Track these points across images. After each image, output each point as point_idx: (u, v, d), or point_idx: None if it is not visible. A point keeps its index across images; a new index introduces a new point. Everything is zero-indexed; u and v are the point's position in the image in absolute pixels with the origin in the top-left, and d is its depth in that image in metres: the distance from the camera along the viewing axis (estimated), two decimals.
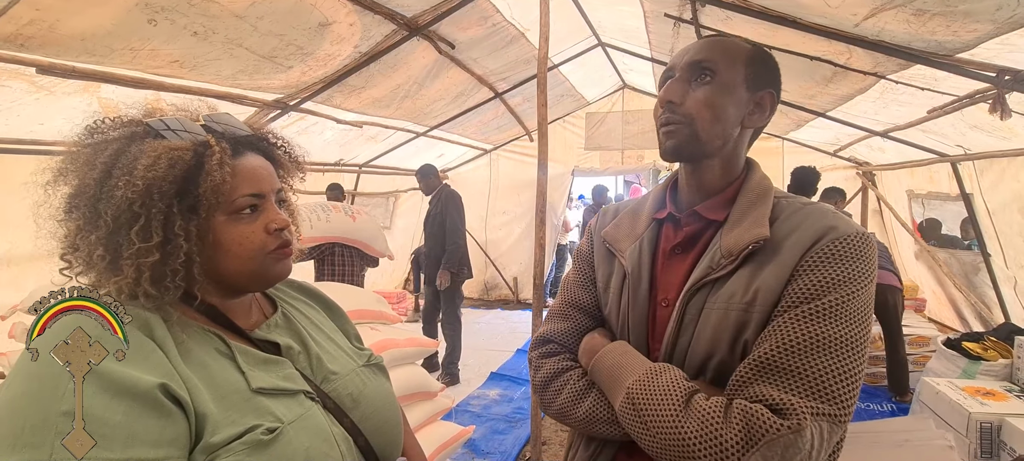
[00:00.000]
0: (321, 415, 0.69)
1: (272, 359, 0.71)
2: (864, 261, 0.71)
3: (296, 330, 0.79)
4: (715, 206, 0.82)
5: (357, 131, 4.37)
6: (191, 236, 0.65)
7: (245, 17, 2.28)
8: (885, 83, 2.83)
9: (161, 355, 0.59)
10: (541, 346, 0.93)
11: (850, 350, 0.67)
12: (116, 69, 2.36)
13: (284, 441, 0.61)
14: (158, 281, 0.63)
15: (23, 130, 2.55)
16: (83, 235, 0.63)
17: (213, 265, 0.68)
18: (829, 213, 0.76)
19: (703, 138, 0.80)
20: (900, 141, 3.82)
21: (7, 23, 1.83)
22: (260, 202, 0.72)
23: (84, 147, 0.67)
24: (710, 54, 0.80)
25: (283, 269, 0.74)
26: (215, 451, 0.57)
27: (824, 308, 0.68)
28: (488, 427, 3.40)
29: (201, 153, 0.67)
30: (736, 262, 0.75)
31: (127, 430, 0.53)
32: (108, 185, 0.62)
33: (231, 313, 0.73)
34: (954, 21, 1.86)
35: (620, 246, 0.90)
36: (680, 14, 3.19)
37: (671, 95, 0.81)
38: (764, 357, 0.68)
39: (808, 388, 0.65)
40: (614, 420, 0.78)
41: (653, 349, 0.82)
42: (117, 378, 0.54)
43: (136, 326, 0.60)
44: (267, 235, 0.71)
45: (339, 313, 0.94)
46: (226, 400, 0.61)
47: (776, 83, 0.84)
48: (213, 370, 0.63)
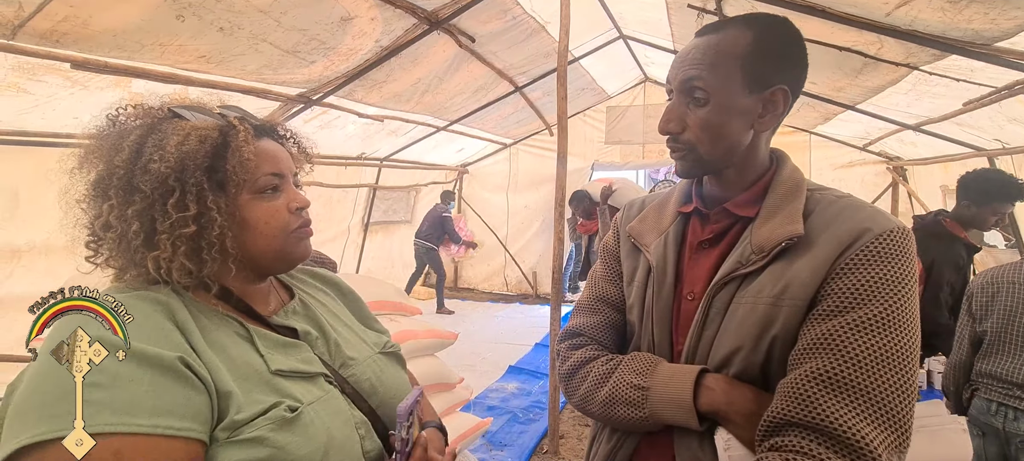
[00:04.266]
0: (341, 399, 0.70)
1: (290, 343, 0.72)
2: (909, 259, 0.69)
3: (314, 316, 0.80)
4: (744, 202, 0.80)
5: (378, 125, 4.41)
6: (222, 211, 0.66)
7: (269, 12, 2.32)
8: (918, 74, 2.74)
9: (181, 337, 0.60)
10: (570, 338, 0.93)
11: (910, 362, 0.65)
12: (146, 64, 2.43)
13: (306, 419, 0.63)
14: (194, 254, 0.65)
15: (58, 124, 2.64)
16: (118, 213, 0.64)
17: (240, 243, 0.69)
18: (866, 207, 0.74)
19: (708, 159, 0.78)
20: (933, 135, 3.69)
21: (43, 20, 1.89)
22: (281, 182, 0.73)
23: (108, 134, 0.69)
24: (700, 70, 0.75)
25: (305, 249, 0.76)
26: (239, 428, 0.58)
27: (879, 316, 0.66)
28: (506, 419, 3.42)
29: (226, 132, 0.69)
30: (767, 258, 0.73)
31: (154, 400, 0.54)
32: (141, 162, 0.64)
33: (250, 299, 0.74)
34: (993, 8, 1.79)
35: (645, 240, 0.89)
36: (703, 4, 3.13)
37: (669, 125, 0.79)
38: (829, 371, 0.65)
39: (879, 412, 0.63)
40: (635, 400, 0.78)
41: (677, 342, 0.81)
42: (139, 350, 0.56)
43: (158, 310, 0.61)
44: (290, 214, 0.73)
45: (354, 299, 0.96)
46: (247, 381, 0.62)
47: (789, 72, 0.77)
48: (233, 352, 0.64)
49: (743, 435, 0.70)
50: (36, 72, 2.20)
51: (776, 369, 0.72)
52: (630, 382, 0.80)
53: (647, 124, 6.25)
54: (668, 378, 0.77)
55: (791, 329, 0.70)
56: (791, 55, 0.77)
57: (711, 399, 0.72)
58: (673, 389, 0.75)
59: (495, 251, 7.16)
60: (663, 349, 0.83)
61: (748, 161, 0.81)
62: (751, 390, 0.73)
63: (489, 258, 7.21)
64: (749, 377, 0.73)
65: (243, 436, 0.58)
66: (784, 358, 0.71)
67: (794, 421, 0.65)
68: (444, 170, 6.90)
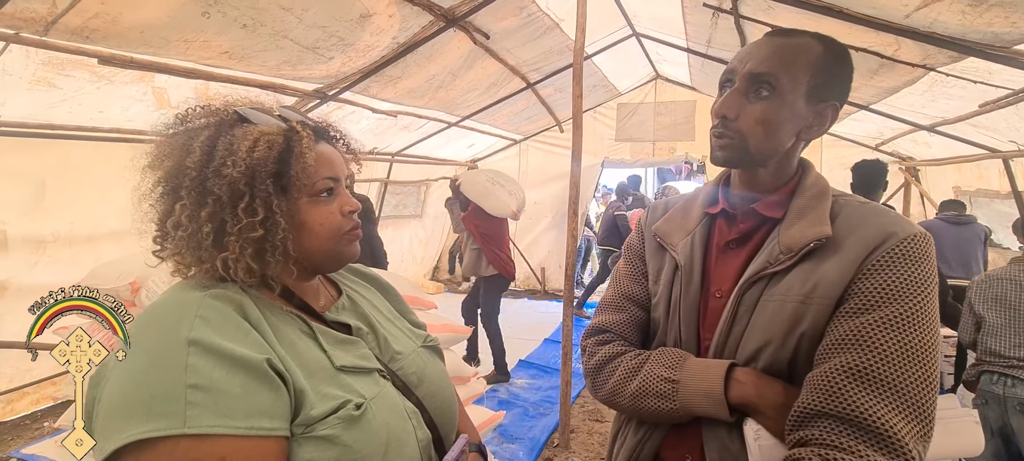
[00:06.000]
0: (394, 392, 0.74)
1: (348, 339, 0.75)
2: (931, 262, 0.72)
3: (362, 312, 0.83)
4: (772, 204, 0.84)
5: (391, 120, 4.45)
6: (285, 214, 0.69)
7: (292, 9, 2.36)
8: (934, 75, 2.73)
9: (258, 335, 0.62)
10: (597, 335, 0.96)
11: (932, 358, 0.68)
12: (170, 60, 2.47)
13: (369, 415, 0.65)
14: (259, 256, 0.67)
15: (85, 118, 2.69)
16: (190, 213, 0.66)
17: (297, 244, 0.72)
18: (890, 213, 0.77)
19: (754, 152, 0.81)
20: (948, 136, 3.68)
21: (75, 16, 1.94)
22: (336, 186, 0.76)
23: (177, 133, 0.71)
24: (773, 66, 0.78)
25: (354, 251, 0.78)
26: (313, 424, 0.61)
27: (905, 314, 0.69)
28: (517, 413, 3.46)
29: (290, 137, 0.71)
30: (795, 258, 0.76)
31: (247, 402, 0.57)
32: (213, 166, 0.66)
33: (305, 296, 0.77)
34: (1015, 12, 1.79)
35: (672, 240, 0.92)
36: (719, 4, 3.13)
37: (726, 110, 0.81)
38: (858, 365, 0.68)
39: (906, 403, 0.66)
40: (665, 393, 0.81)
41: (704, 338, 0.84)
42: (230, 353, 0.58)
43: (232, 308, 0.63)
44: (342, 217, 0.76)
45: (395, 294, 0.99)
46: (315, 377, 0.65)
47: (843, 93, 0.82)
48: (300, 349, 0.67)
49: (772, 426, 0.74)
50: (64, 67, 2.26)
51: (802, 365, 0.75)
52: (660, 376, 0.83)
53: (657, 121, 6.25)
54: (698, 372, 0.80)
55: (819, 326, 0.73)
56: (846, 77, 0.82)
57: (742, 392, 0.76)
58: (704, 382, 0.78)
59: None
60: (690, 344, 0.86)
61: (783, 164, 0.84)
62: (780, 384, 0.76)
63: None
64: (776, 372, 0.77)
65: (316, 433, 0.61)
66: (811, 354, 0.74)
67: (824, 412, 0.67)
68: (454, 165, 6.93)
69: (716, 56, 4.18)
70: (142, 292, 2.42)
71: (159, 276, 2.45)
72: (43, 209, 2.87)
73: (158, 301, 0.65)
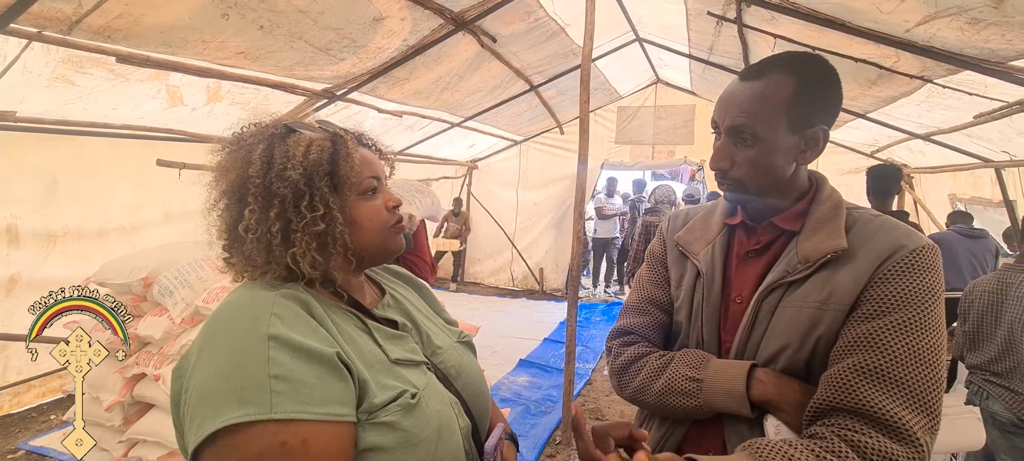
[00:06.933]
0: (438, 383, 0.79)
1: (397, 334, 0.81)
2: (938, 272, 0.79)
3: (405, 310, 0.89)
4: (789, 217, 0.90)
5: (396, 120, 4.49)
6: (340, 209, 0.75)
7: (308, 12, 2.40)
8: (931, 87, 2.81)
9: (324, 331, 0.68)
10: (621, 336, 1.02)
11: (939, 359, 0.74)
12: (186, 59, 2.51)
13: (423, 404, 0.71)
14: (322, 249, 0.74)
15: (98, 114, 2.72)
16: (259, 216, 0.72)
17: (351, 239, 0.78)
18: (900, 226, 0.84)
19: (756, 191, 0.88)
20: (942, 145, 3.77)
21: (99, 16, 1.97)
22: (378, 184, 0.83)
23: (235, 150, 0.78)
24: (748, 118, 0.83)
25: (400, 243, 0.85)
26: (376, 411, 0.67)
27: (914, 320, 0.75)
28: (519, 411, 3.52)
29: (336, 141, 0.79)
30: (812, 268, 0.82)
31: (322, 391, 0.62)
32: (274, 172, 0.73)
33: (355, 294, 0.82)
34: (1010, 31, 1.87)
35: (693, 249, 0.98)
36: (723, 13, 3.20)
37: (719, 163, 0.88)
38: (870, 364, 0.74)
39: (914, 400, 0.72)
40: (689, 391, 0.87)
41: (725, 341, 0.91)
42: (306, 347, 0.63)
43: (300, 306, 0.69)
44: (388, 212, 0.82)
45: (428, 293, 1.04)
46: (374, 369, 0.71)
47: (830, 112, 0.86)
48: (359, 343, 0.73)
49: (791, 422, 0.80)
50: (83, 65, 2.29)
51: (819, 366, 0.81)
52: (685, 375, 0.89)
53: (658, 125, 6.32)
54: (721, 372, 0.86)
55: (834, 330, 0.79)
56: (829, 95, 0.86)
57: (763, 390, 0.82)
58: (727, 381, 0.84)
59: (503, 247, 7.24)
60: (711, 347, 0.92)
61: (790, 186, 0.90)
62: (798, 383, 0.82)
63: (496, 253, 7.29)
64: (793, 373, 0.83)
65: (378, 420, 0.67)
66: (827, 356, 0.80)
67: (839, 407, 0.74)
68: (455, 165, 6.98)
69: (718, 63, 4.25)
70: (154, 287, 2.45)
71: (170, 272, 2.49)
72: (54, 204, 2.90)
73: (232, 301, 0.70)
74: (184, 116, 3.05)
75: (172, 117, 3.01)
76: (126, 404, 2.37)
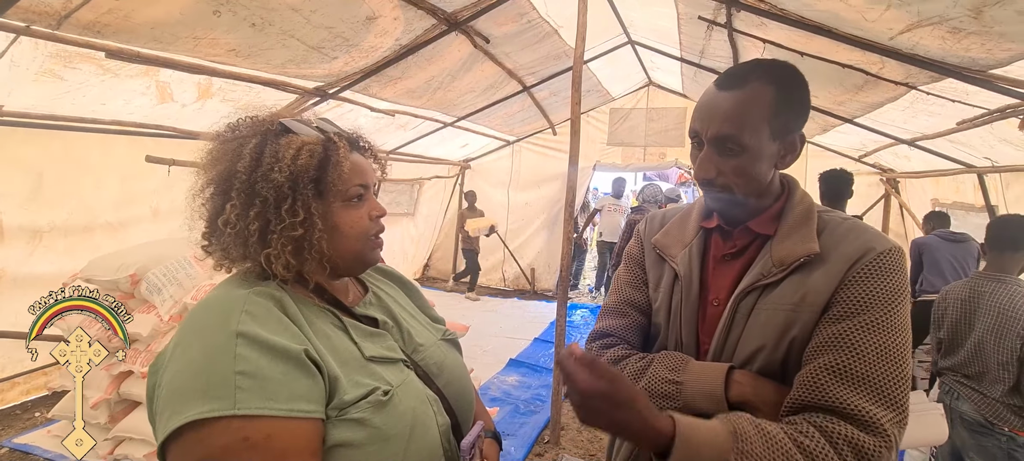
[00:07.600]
0: (417, 380, 0.81)
1: (375, 332, 0.82)
2: (904, 274, 0.82)
3: (387, 307, 0.90)
4: (763, 221, 0.93)
5: (388, 119, 4.49)
6: (321, 216, 0.76)
7: (300, 10, 2.40)
8: (916, 93, 2.87)
9: (296, 328, 0.69)
10: (601, 339, 1.03)
11: (905, 357, 0.77)
12: (176, 55, 2.50)
13: (396, 401, 0.72)
14: (297, 253, 0.74)
15: (87, 110, 2.70)
16: (239, 212, 0.72)
17: (329, 245, 0.78)
18: (868, 229, 0.87)
19: (743, 197, 0.90)
20: (927, 150, 3.84)
21: (88, 11, 1.96)
22: (365, 192, 0.83)
23: (228, 141, 0.78)
24: (733, 127, 0.84)
25: (377, 255, 0.86)
26: (346, 408, 0.68)
27: (881, 320, 0.78)
28: (508, 410, 3.54)
29: (328, 147, 0.78)
30: (786, 271, 0.85)
31: (288, 387, 0.63)
32: (261, 171, 0.73)
33: (335, 292, 0.83)
34: (990, 40, 1.91)
35: (671, 252, 1.00)
36: (714, 18, 3.24)
37: (705, 174, 0.89)
38: (841, 364, 0.77)
39: (882, 395, 0.74)
40: (669, 393, 0.89)
41: (703, 343, 0.93)
42: (273, 344, 0.64)
43: (273, 305, 0.70)
44: (370, 221, 0.82)
45: (415, 291, 1.06)
46: (347, 366, 0.72)
47: (804, 118, 0.89)
48: (334, 341, 0.74)
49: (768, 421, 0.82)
50: (72, 60, 2.27)
51: (793, 366, 0.83)
52: (664, 377, 0.91)
53: (649, 127, 6.37)
54: (700, 374, 0.88)
55: (808, 331, 0.82)
56: (804, 102, 0.89)
57: (740, 391, 0.84)
58: (706, 383, 0.86)
59: (494, 247, 7.25)
60: (690, 348, 0.94)
61: (767, 189, 0.93)
62: (773, 384, 0.84)
63: (488, 253, 7.30)
64: (769, 373, 0.85)
65: (348, 416, 0.67)
66: (800, 356, 0.83)
67: (812, 405, 0.76)
68: (447, 164, 6.98)
69: (709, 66, 4.29)
70: (142, 284, 2.44)
71: (158, 269, 2.47)
72: (40, 199, 2.87)
73: (209, 297, 0.71)
74: (174, 112, 3.03)
75: (162, 113, 2.99)
76: (112, 402, 2.36)
